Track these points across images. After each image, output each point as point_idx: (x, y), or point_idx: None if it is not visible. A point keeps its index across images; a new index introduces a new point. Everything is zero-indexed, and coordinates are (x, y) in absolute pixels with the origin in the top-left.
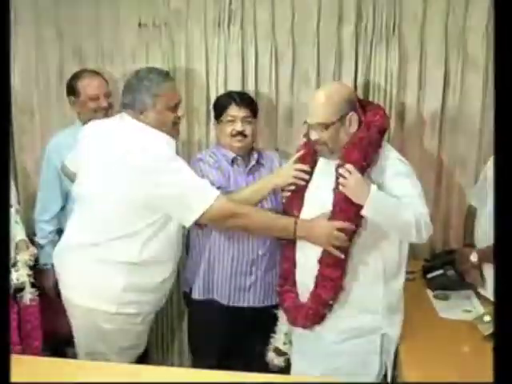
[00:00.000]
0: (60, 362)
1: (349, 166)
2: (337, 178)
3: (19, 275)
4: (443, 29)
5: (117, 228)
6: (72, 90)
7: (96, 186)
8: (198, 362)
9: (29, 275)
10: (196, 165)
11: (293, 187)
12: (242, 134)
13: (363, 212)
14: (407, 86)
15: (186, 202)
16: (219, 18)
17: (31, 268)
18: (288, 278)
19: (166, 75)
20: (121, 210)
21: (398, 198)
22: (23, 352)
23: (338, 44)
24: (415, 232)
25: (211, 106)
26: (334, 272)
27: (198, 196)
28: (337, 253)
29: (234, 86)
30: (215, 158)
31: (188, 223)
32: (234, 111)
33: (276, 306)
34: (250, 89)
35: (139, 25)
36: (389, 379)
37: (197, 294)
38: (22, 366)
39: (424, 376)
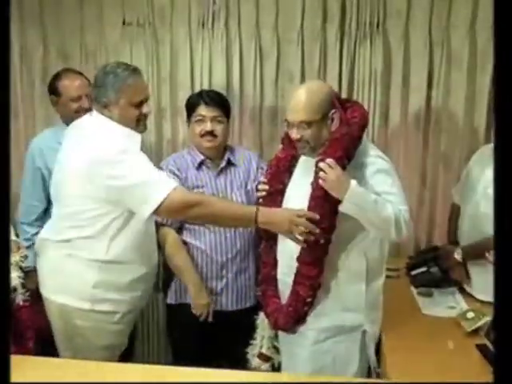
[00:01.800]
0: (61, 361)
1: (330, 161)
2: (316, 173)
3: (11, 278)
4: (427, 26)
5: (86, 224)
6: (54, 90)
7: (67, 184)
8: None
9: (19, 276)
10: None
11: (263, 193)
12: (211, 133)
13: (341, 207)
14: (391, 84)
15: (141, 194)
16: (203, 17)
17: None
18: (270, 282)
19: (132, 70)
20: (89, 206)
21: (378, 194)
22: (16, 352)
23: (322, 42)
24: (394, 229)
25: None
26: (312, 270)
27: (152, 188)
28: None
29: (219, 84)
30: (180, 163)
31: (144, 216)
32: (204, 111)
33: (252, 309)
34: (235, 87)
35: (123, 23)
36: (373, 376)
37: (170, 299)
38: (22, 365)
39: (407, 372)
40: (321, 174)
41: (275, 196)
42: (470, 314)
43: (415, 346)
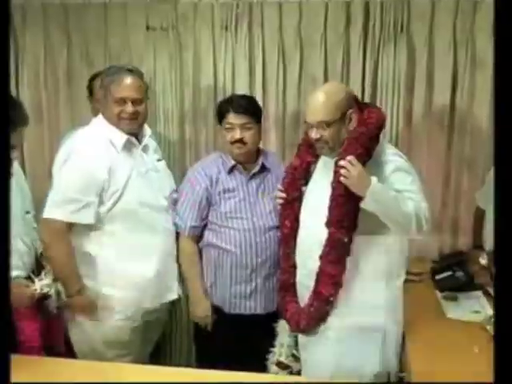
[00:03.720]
0: (61, 361)
1: (351, 158)
2: (335, 173)
3: (43, 285)
4: (451, 28)
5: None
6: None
7: None
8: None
9: (53, 283)
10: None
11: (281, 201)
12: (241, 141)
13: (363, 204)
14: (415, 86)
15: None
16: (226, 21)
17: None
18: (288, 288)
19: (121, 69)
20: None
21: (398, 192)
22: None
23: (345, 44)
24: (415, 225)
25: None
26: (335, 268)
27: (48, 202)
28: None
29: (242, 88)
30: (208, 170)
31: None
32: (232, 119)
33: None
34: (258, 91)
35: (147, 28)
36: (392, 378)
37: None
38: (22, 365)
39: (432, 376)
40: (342, 171)
41: (292, 203)
42: None
43: (440, 351)
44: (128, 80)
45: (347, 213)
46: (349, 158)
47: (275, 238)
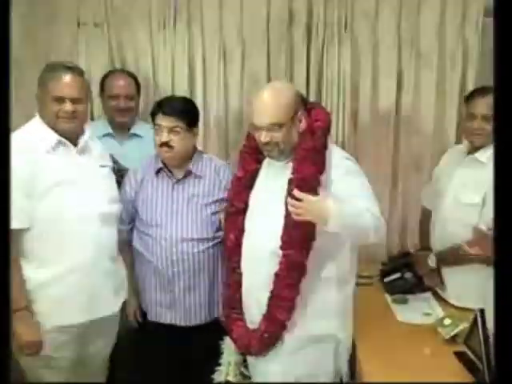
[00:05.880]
0: None
1: (296, 193)
2: (289, 186)
3: None
4: (395, 26)
5: None
6: (101, 87)
7: None
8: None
9: None
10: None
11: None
12: (167, 144)
13: (326, 228)
14: (360, 86)
15: None
16: (164, 17)
17: None
18: (233, 305)
19: (60, 66)
20: None
21: (350, 197)
22: None
23: (288, 43)
24: (373, 234)
25: None
26: (292, 292)
27: None
28: None
29: (181, 88)
30: (143, 170)
31: None
32: (160, 120)
33: (202, 328)
34: (198, 91)
35: (78, 24)
36: None
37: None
38: None
39: (384, 381)
40: (292, 210)
41: (237, 216)
42: (447, 321)
43: (392, 355)
44: (67, 78)
45: (308, 234)
46: (295, 193)
47: (196, 249)
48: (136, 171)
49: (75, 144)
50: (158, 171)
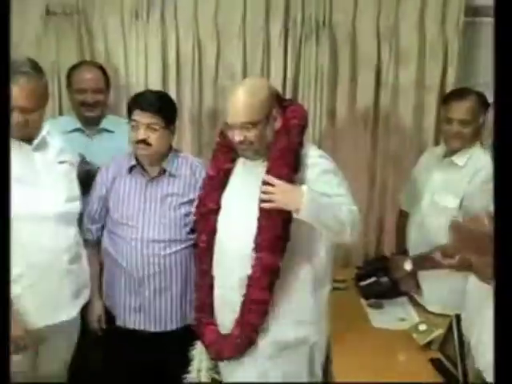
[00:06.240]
0: None
1: (269, 178)
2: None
3: None
4: (374, 22)
5: None
6: (67, 81)
7: None
8: None
9: None
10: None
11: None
12: (144, 142)
13: (298, 215)
14: (338, 82)
15: None
16: (137, 8)
17: None
18: (204, 309)
19: (15, 71)
20: None
21: (327, 196)
22: None
23: (265, 37)
24: (350, 230)
25: None
26: (265, 295)
27: None
28: None
29: (154, 82)
30: (116, 166)
31: None
32: (138, 116)
33: (174, 333)
34: (171, 85)
35: (47, 13)
36: None
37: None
38: None
39: None
40: (264, 196)
41: (209, 216)
42: (423, 327)
43: (366, 362)
44: (18, 86)
45: (281, 235)
46: (267, 178)
47: (168, 250)
48: (108, 167)
49: (31, 141)
50: (131, 168)
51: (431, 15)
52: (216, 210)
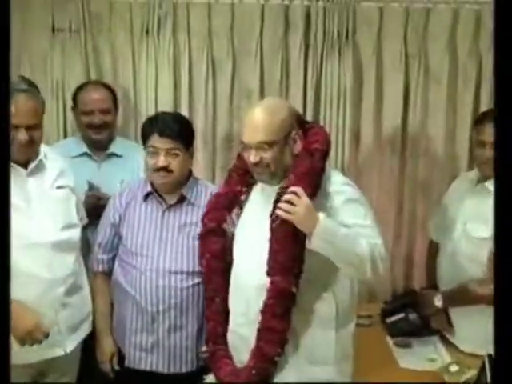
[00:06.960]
0: None
1: (297, 189)
2: (274, 208)
3: None
4: (402, 37)
5: None
6: (73, 101)
7: None
8: None
9: None
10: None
11: None
12: (165, 169)
13: (310, 245)
14: (363, 103)
15: None
16: (147, 24)
17: None
18: (217, 340)
19: (14, 89)
20: None
21: (350, 227)
22: None
23: (284, 54)
24: (370, 266)
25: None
26: (280, 323)
27: None
28: None
29: (165, 102)
30: (129, 193)
31: None
32: (156, 142)
33: (189, 376)
34: (183, 106)
35: (53, 30)
36: None
37: None
38: None
39: None
40: (285, 206)
41: (208, 237)
42: (454, 367)
43: None
44: (20, 103)
45: (294, 257)
46: (293, 188)
47: (185, 283)
48: (122, 193)
49: (27, 164)
50: (147, 195)
51: (463, 29)
52: (215, 230)
